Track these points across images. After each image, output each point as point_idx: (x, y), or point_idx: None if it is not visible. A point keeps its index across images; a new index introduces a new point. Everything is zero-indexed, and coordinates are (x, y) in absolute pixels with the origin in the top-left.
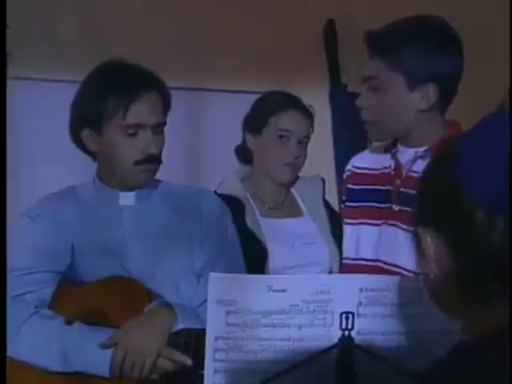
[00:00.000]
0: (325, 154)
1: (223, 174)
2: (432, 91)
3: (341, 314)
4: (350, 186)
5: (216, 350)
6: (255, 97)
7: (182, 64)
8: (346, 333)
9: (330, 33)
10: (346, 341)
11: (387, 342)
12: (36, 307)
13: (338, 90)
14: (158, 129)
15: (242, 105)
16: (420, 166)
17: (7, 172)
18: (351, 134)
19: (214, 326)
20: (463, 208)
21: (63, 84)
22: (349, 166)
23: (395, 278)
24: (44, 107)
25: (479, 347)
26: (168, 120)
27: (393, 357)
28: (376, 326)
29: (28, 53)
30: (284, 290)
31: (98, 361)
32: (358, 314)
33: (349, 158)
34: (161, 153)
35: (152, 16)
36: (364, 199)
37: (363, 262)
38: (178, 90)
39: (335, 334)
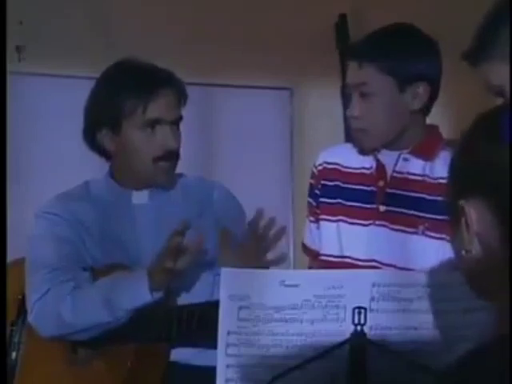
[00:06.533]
0: None
1: (235, 168)
2: (423, 90)
3: (353, 309)
4: (324, 181)
5: (228, 344)
6: (266, 92)
7: (193, 59)
8: (359, 328)
9: (342, 27)
10: (358, 336)
11: (400, 337)
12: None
13: None
14: (175, 124)
15: (254, 100)
16: (403, 167)
17: (10, 170)
18: None
19: (226, 321)
20: None
21: (75, 80)
22: (320, 161)
23: (408, 273)
24: (56, 104)
25: (501, 347)
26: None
27: (405, 352)
28: (388, 321)
29: (41, 48)
30: (296, 285)
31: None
32: (371, 309)
33: None
34: (179, 147)
35: (164, 11)
36: (342, 196)
37: (351, 261)
38: (191, 86)
39: (347, 329)
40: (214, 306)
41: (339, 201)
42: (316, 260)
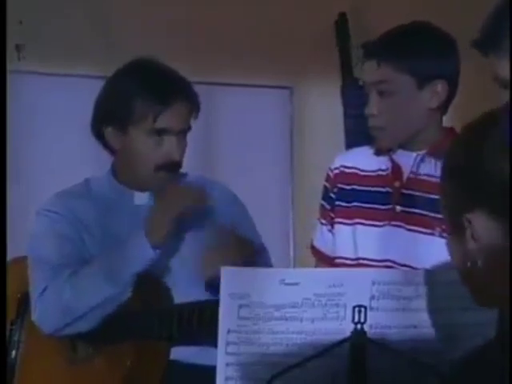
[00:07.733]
0: (337, 149)
1: (235, 167)
2: (441, 88)
3: (353, 308)
4: (340, 185)
5: (228, 343)
6: (266, 91)
7: (193, 58)
8: (359, 326)
9: (342, 26)
10: (358, 334)
11: (399, 336)
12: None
13: (350, 84)
14: (183, 134)
15: (254, 99)
16: (420, 168)
17: (10, 170)
18: (363, 129)
19: (226, 320)
20: None
21: (75, 79)
22: (336, 165)
23: (408, 272)
24: (56, 103)
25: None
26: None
27: (405, 350)
28: (388, 319)
29: (41, 47)
30: (296, 284)
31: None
32: (371, 308)
33: None
34: (182, 158)
35: (164, 11)
36: (358, 199)
37: (367, 262)
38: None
39: (347, 328)
40: (215, 303)
41: (355, 204)
42: (324, 262)
